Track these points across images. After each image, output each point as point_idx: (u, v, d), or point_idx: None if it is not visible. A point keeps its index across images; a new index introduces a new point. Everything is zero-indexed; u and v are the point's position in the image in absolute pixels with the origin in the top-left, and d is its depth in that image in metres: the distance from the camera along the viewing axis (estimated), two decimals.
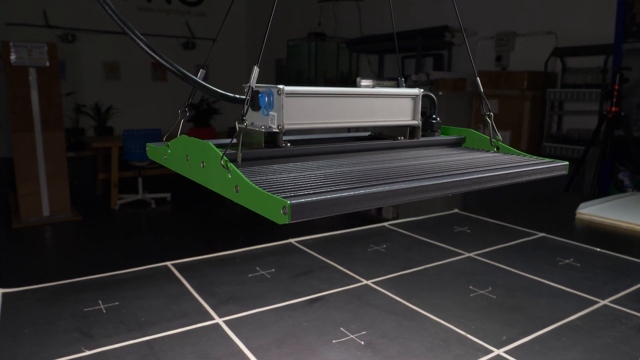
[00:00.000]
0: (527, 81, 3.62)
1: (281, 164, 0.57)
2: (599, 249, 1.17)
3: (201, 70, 0.58)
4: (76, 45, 6.39)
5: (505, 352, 0.70)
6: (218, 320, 0.79)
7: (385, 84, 0.68)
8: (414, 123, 0.69)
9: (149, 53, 0.48)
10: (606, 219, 1.43)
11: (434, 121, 0.75)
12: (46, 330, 0.74)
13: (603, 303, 0.87)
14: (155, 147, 0.63)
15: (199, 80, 0.52)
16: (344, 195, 0.43)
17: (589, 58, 3.48)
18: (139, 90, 6.94)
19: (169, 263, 1.03)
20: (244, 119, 0.50)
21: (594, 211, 1.49)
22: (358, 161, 0.61)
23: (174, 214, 5.09)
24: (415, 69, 4.36)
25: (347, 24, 5.67)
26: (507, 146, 0.71)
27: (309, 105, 0.58)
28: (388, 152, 0.68)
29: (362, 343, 0.72)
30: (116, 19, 0.45)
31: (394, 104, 0.66)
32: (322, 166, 0.57)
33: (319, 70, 5.68)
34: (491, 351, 0.70)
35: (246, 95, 0.51)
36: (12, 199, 4.76)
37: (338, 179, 0.50)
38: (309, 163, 0.59)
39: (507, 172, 0.57)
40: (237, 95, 0.57)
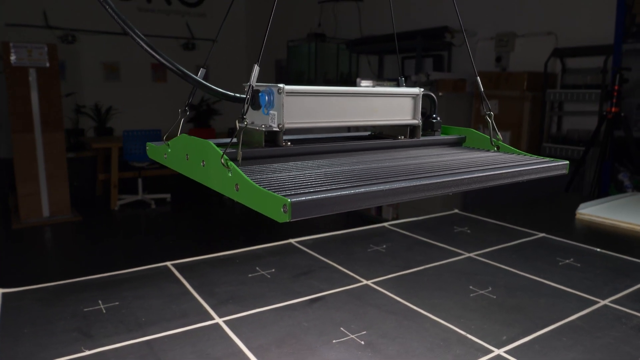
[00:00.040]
0: (527, 82, 3.62)
1: (281, 163, 0.57)
2: (599, 249, 1.17)
3: (201, 69, 0.58)
4: (76, 46, 6.40)
5: (505, 352, 0.70)
6: (218, 320, 0.79)
7: (385, 84, 0.68)
8: (414, 122, 0.69)
9: (149, 52, 0.48)
10: (606, 219, 1.43)
11: (434, 121, 0.75)
12: (46, 330, 0.74)
13: (603, 303, 0.87)
14: (155, 147, 0.63)
15: (199, 80, 0.52)
16: (344, 193, 0.43)
17: (588, 59, 3.49)
18: (138, 90, 6.95)
19: (169, 263, 1.03)
20: (244, 118, 0.50)
21: (594, 211, 1.49)
22: (358, 160, 0.61)
23: (174, 215, 5.09)
24: (415, 69, 4.36)
25: (347, 25, 5.68)
26: (508, 146, 0.71)
27: (310, 105, 0.58)
28: (388, 152, 0.68)
29: (362, 343, 0.72)
30: (116, 18, 0.45)
31: (394, 103, 0.66)
32: (323, 165, 0.57)
33: (319, 71, 5.68)
34: (491, 351, 0.70)
35: (246, 94, 0.51)
36: (12, 200, 4.76)
37: (339, 177, 0.50)
38: (309, 162, 0.59)
39: (508, 171, 0.57)
40: (238, 94, 0.57)
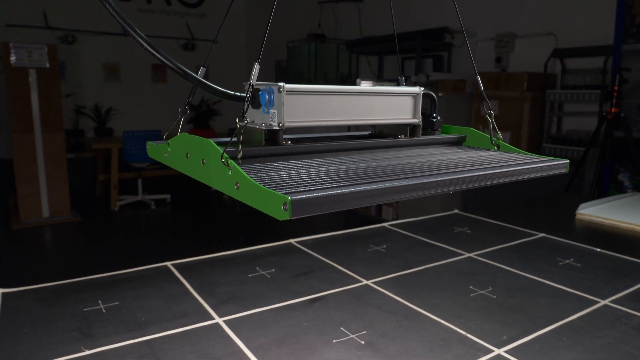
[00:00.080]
0: (527, 82, 3.62)
1: (282, 162, 0.57)
2: (599, 249, 1.17)
3: (202, 68, 0.58)
4: (76, 47, 6.40)
5: (505, 352, 0.70)
6: (218, 320, 0.78)
7: (385, 85, 0.68)
8: (415, 121, 0.69)
9: (149, 51, 0.48)
10: (606, 220, 1.43)
11: (435, 120, 0.75)
12: (46, 330, 0.74)
13: (603, 303, 0.87)
14: (155, 146, 0.63)
15: (200, 78, 0.52)
16: (344, 191, 0.43)
17: (588, 59, 3.49)
18: (138, 91, 6.95)
19: (168, 263, 1.03)
20: (245, 116, 0.50)
21: (594, 212, 1.49)
22: (359, 159, 0.61)
23: (174, 215, 5.09)
24: (415, 70, 4.36)
25: (347, 26, 5.68)
26: (508, 145, 0.71)
27: (310, 103, 0.58)
28: (388, 151, 0.68)
29: (362, 343, 0.72)
30: (116, 17, 0.45)
31: (394, 102, 0.66)
32: (323, 164, 0.57)
33: (318, 71, 5.68)
34: (491, 351, 0.70)
35: (247, 93, 0.51)
36: (12, 200, 4.76)
37: (339, 176, 0.50)
38: (309, 161, 0.59)
39: (508, 170, 0.57)
40: (238, 93, 0.57)
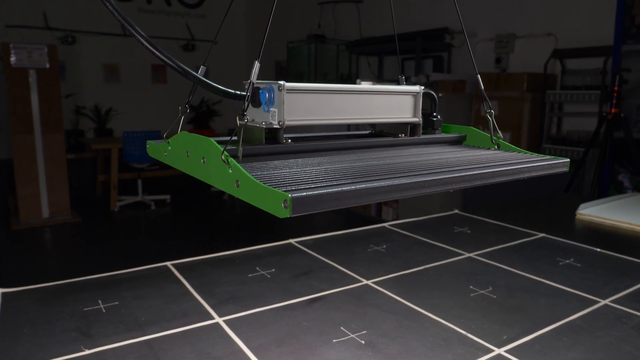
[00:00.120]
0: (527, 83, 3.62)
1: (282, 160, 0.57)
2: (599, 249, 1.17)
3: (202, 67, 0.58)
4: (76, 47, 6.40)
5: (506, 352, 0.70)
6: (218, 319, 0.78)
7: (385, 85, 0.68)
8: (415, 120, 0.69)
9: (150, 49, 0.48)
10: (606, 220, 1.43)
11: (435, 119, 0.75)
12: (45, 329, 0.74)
13: (604, 303, 0.87)
14: (155, 144, 0.63)
15: (200, 77, 0.52)
16: (345, 189, 0.43)
17: (588, 60, 3.49)
18: (138, 92, 6.95)
19: (168, 263, 1.03)
20: (245, 115, 0.50)
21: (594, 212, 1.49)
22: (359, 158, 0.61)
23: (174, 216, 5.09)
24: (415, 70, 4.36)
25: (347, 26, 5.68)
26: (508, 144, 0.71)
27: (310, 102, 0.57)
28: (389, 150, 0.68)
29: (363, 342, 0.72)
30: (117, 15, 0.45)
31: (394, 101, 0.66)
32: (323, 162, 0.57)
33: (318, 72, 5.68)
34: (492, 350, 0.70)
35: (247, 91, 0.51)
36: (12, 201, 4.75)
37: (339, 174, 0.50)
38: (310, 159, 0.59)
39: (509, 169, 0.57)
40: (238, 91, 0.57)
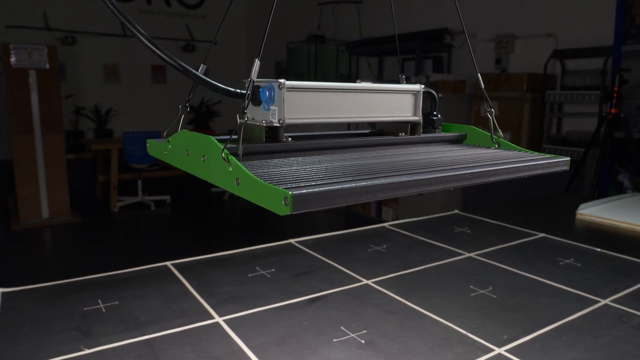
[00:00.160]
0: (527, 83, 3.63)
1: (282, 158, 0.57)
2: (599, 249, 1.17)
3: (202, 65, 0.58)
4: (76, 48, 6.40)
5: (506, 351, 0.70)
6: (218, 319, 0.78)
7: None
8: (415, 119, 0.69)
9: (150, 47, 0.48)
10: (606, 220, 1.43)
11: (435, 118, 0.75)
12: (45, 329, 0.74)
13: (604, 302, 0.87)
14: (155, 143, 0.63)
15: (200, 75, 0.52)
16: (345, 186, 0.43)
17: (588, 60, 3.49)
18: (138, 92, 6.95)
19: (168, 263, 1.03)
20: (245, 113, 0.50)
21: (594, 212, 1.49)
22: (359, 156, 0.61)
23: (174, 216, 5.09)
24: (415, 71, 4.37)
25: (347, 27, 5.68)
26: (509, 143, 0.71)
27: (310, 100, 0.57)
28: (389, 148, 0.68)
29: (363, 342, 0.72)
30: (117, 13, 0.45)
31: (394, 99, 0.66)
32: (324, 160, 0.57)
33: (318, 72, 5.69)
34: (492, 350, 0.70)
35: (247, 89, 0.51)
36: (12, 201, 4.75)
37: (340, 172, 0.50)
38: (310, 157, 0.59)
39: (509, 167, 0.57)
40: (238, 89, 0.57)
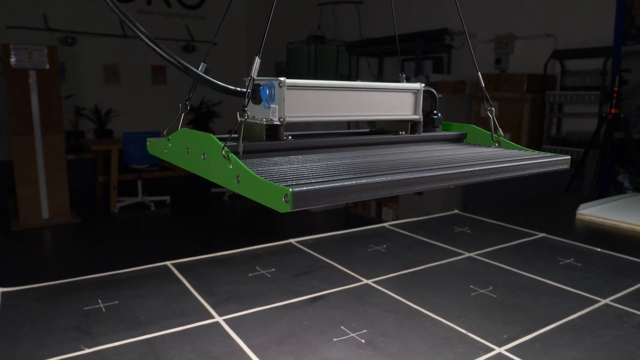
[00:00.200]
0: (527, 83, 3.63)
1: (282, 156, 0.57)
2: (599, 249, 1.17)
3: (202, 63, 0.58)
4: (76, 48, 6.40)
5: (506, 350, 0.70)
6: (218, 318, 0.78)
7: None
8: (415, 118, 0.69)
9: (150, 45, 0.48)
10: (606, 220, 1.43)
11: (435, 117, 0.75)
12: (45, 328, 0.74)
13: (604, 302, 0.87)
14: (155, 142, 0.63)
15: (200, 73, 0.52)
16: (346, 184, 0.43)
17: (588, 60, 3.49)
18: (138, 93, 6.95)
19: (168, 263, 1.03)
20: (245, 111, 0.50)
21: (594, 212, 1.49)
22: (360, 154, 0.61)
23: (174, 217, 5.09)
24: (415, 71, 4.37)
25: (347, 27, 5.69)
26: (509, 141, 0.71)
27: (310, 99, 0.57)
28: (389, 147, 0.68)
29: (363, 341, 0.72)
30: (117, 12, 0.45)
31: (395, 98, 0.66)
32: (324, 158, 0.57)
33: (318, 73, 5.69)
34: (492, 349, 0.70)
35: (247, 87, 0.51)
36: (12, 202, 4.75)
37: (340, 169, 0.50)
38: (310, 155, 0.59)
39: (510, 165, 0.57)
40: (239, 88, 0.57)
